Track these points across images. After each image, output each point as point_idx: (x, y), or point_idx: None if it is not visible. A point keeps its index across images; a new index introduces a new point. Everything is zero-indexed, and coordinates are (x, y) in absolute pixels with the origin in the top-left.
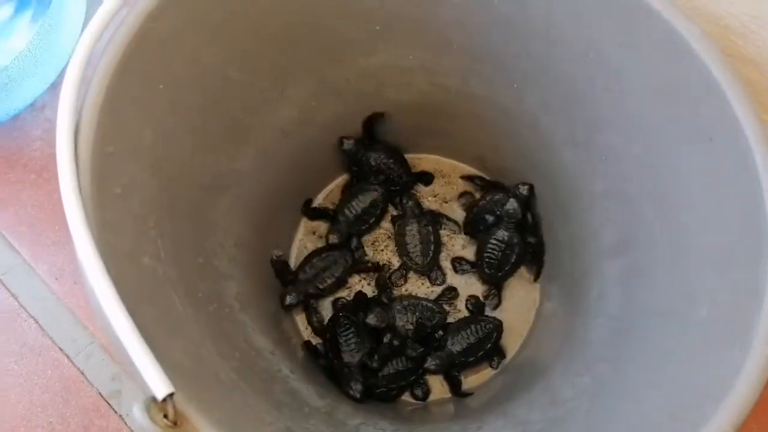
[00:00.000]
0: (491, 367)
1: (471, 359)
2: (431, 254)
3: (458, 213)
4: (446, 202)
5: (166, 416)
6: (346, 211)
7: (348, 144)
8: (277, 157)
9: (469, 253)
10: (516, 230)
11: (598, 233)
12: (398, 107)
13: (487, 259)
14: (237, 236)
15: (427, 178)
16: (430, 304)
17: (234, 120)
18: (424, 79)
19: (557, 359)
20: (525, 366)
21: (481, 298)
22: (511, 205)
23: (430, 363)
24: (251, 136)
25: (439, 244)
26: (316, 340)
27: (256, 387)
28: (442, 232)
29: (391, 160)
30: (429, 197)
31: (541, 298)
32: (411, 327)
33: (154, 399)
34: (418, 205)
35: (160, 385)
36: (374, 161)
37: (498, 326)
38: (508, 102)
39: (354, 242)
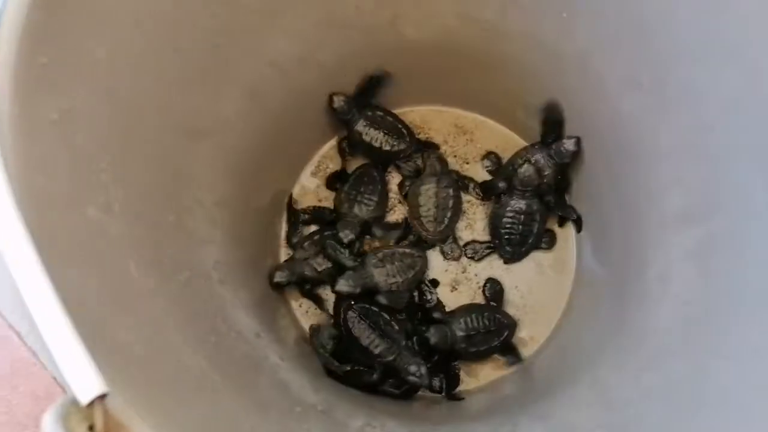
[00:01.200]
0: (506, 366)
1: (472, 350)
2: (446, 221)
3: (482, 176)
4: (467, 164)
5: (92, 428)
6: (355, 210)
7: (339, 101)
8: (268, 100)
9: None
10: (534, 196)
11: (662, 197)
12: (417, 47)
13: (506, 236)
14: (218, 194)
15: (434, 146)
16: (407, 250)
17: (213, 47)
18: (452, 9)
19: (605, 350)
20: (561, 356)
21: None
22: (527, 171)
23: (431, 334)
24: (235, 70)
25: (458, 212)
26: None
27: (235, 380)
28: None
29: (384, 133)
30: (449, 157)
31: (577, 278)
32: (395, 280)
33: (75, 402)
34: (441, 160)
35: (85, 383)
36: (365, 134)
37: (511, 326)
38: (552, 38)
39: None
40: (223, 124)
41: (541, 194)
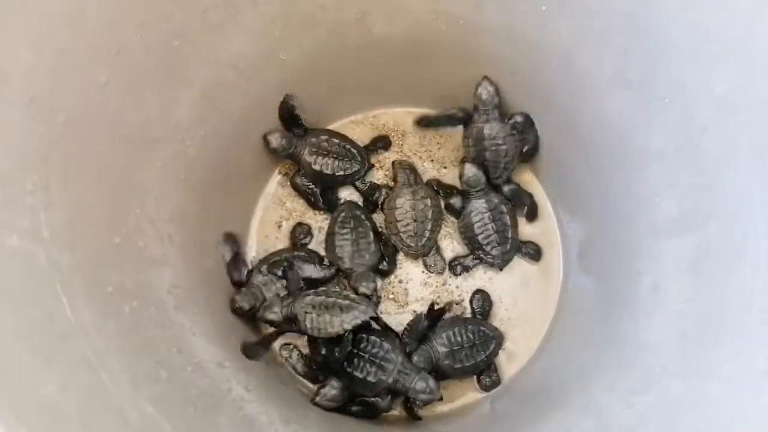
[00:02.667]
0: (482, 388)
1: (457, 366)
2: (427, 234)
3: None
4: (445, 168)
5: None
6: (357, 260)
7: (276, 140)
8: (229, 105)
9: None
10: (490, 191)
11: (652, 202)
12: (387, 45)
13: (485, 240)
14: (173, 208)
15: (384, 141)
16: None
17: (167, 49)
18: (425, 5)
19: (598, 368)
20: (548, 374)
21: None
22: (469, 171)
23: (417, 359)
24: (192, 73)
25: (438, 222)
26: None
27: (188, 424)
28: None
29: (333, 158)
30: (425, 162)
31: (564, 289)
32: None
33: None
34: (413, 170)
35: None
36: (314, 163)
37: (497, 338)
38: (533, 32)
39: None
40: (178, 130)
41: (496, 186)
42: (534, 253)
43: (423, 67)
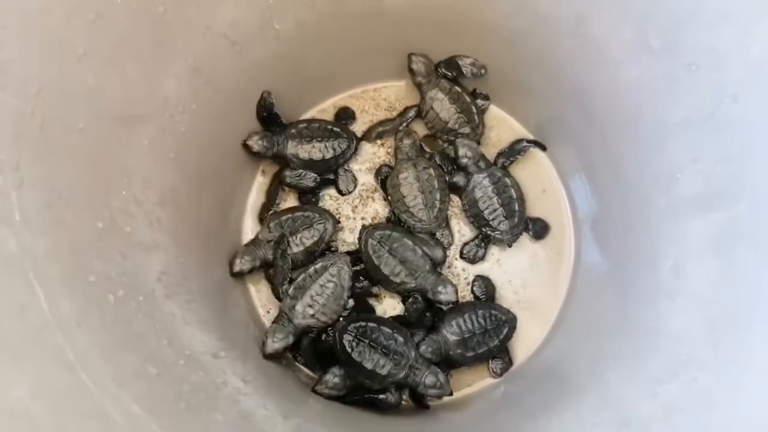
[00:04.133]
0: (493, 373)
1: (470, 354)
2: (437, 204)
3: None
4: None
5: None
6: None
7: (257, 143)
8: (222, 79)
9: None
10: (491, 166)
11: (673, 179)
12: (392, 12)
13: (491, 215)
14: (162, 189)
15: (348, 114)
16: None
17: (151, 16)
18: None
19: (614, 355)
20: (560, 361)
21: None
22: (463, 147)
23: (424, 349)
24: (181, 44)
25: (445, 191)
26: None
27: (181, 424)
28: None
29: (318, 140)
30: (431, 136)
31: (576, 271)
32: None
33: None
34: (414, 144)
35: None
36: (301, 152)
37: (511, 320)
38: (546, 3)
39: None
40: (165, 106)
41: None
42: (540, 230)
43: (427, 37)
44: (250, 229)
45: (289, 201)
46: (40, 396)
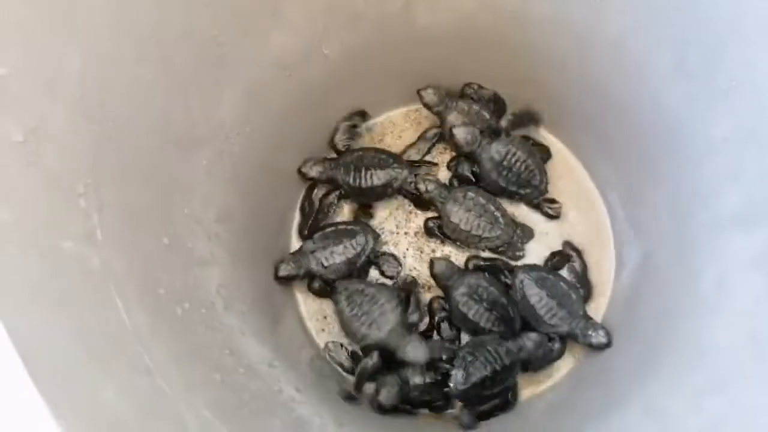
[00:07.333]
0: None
1: (486, 393)
2: (499, 216)
3: None
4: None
5: None
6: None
7: (313, 169)
8: (274, 102)
9: None
10: (495, 138)
11: (716, 194)
12: (430, 36)
13: (513, 178)
14: (220, 207)
15: (359, 114)
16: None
17: (209, 48)
18: None
19: (657, 367)
20: (599, 372)
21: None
22: (460, 133)
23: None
24: (236, 71)
25: (492, 199)
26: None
27: (245, 427)
28: None
29: (372, 168)
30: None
31: (617, 280)
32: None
33: None
34: (441, 185)
35: None
36: (353, 181)
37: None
38: (583, 25)
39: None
40: (221, 129)
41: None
42: (552, 212)
43: (467, 60)
44: (297, 244)
45: (342, 215)
46: (126, 398)
